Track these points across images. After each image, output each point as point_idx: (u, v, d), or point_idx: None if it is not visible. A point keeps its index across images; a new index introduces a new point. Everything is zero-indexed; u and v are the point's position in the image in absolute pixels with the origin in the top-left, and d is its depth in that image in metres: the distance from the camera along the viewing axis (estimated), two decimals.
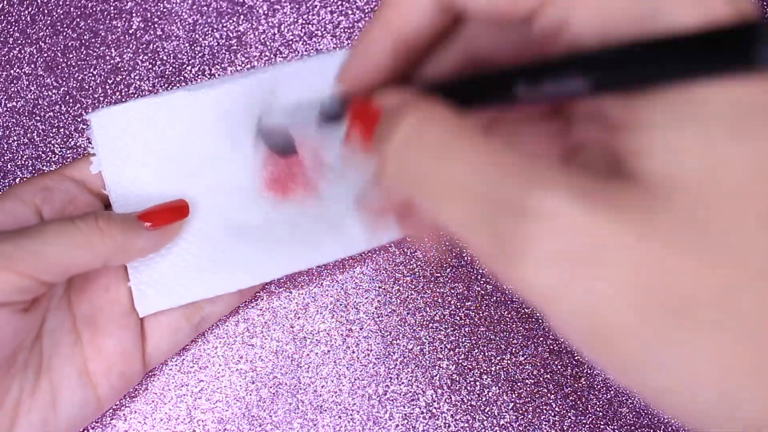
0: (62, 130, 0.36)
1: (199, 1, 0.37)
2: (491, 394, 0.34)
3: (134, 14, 0.37)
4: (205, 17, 0.37)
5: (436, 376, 0.34)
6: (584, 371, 0.35)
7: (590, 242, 0.13)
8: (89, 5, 0.37)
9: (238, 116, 0.32)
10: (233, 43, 0.37)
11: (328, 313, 0.35)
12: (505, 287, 0.35)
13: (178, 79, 0.36)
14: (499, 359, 0.35)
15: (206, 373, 0.34)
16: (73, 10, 0.37)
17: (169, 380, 0.34)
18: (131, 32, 0.36)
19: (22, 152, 0.35)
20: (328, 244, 0.32)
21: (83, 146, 0.36)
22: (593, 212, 0.13)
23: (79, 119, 0.36)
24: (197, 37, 0.37)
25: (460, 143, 0.16)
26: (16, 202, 0.28)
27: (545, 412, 0.34)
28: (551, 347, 0.35)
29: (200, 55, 0.36)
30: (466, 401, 0.34)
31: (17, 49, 0.36)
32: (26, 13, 0.36)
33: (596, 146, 0.17)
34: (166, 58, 0.36)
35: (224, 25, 0.37)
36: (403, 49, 0.19)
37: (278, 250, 0.32)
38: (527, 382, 0.34)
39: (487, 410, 0.34)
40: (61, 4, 0.37)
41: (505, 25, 0.18)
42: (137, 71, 0.36)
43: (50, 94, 0.36)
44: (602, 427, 0.34)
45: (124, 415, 0.33)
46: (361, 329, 0.35)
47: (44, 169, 0.35)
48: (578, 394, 0.34)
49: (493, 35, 0.19)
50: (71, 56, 0.36)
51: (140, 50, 0.36)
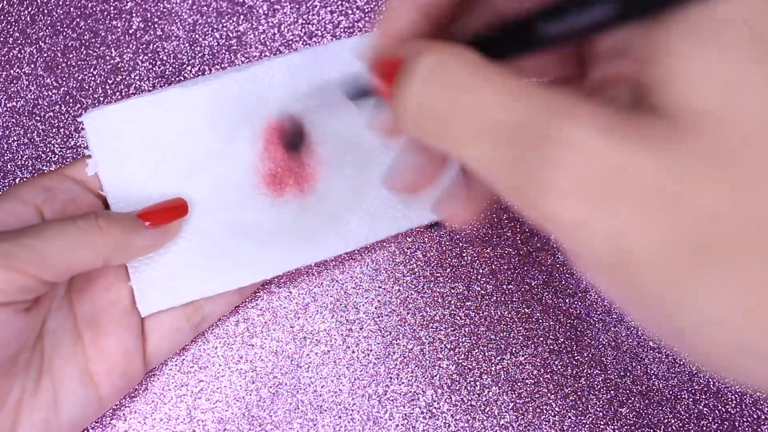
0: (62, 130, 0.36)
1: (199, 1, 0.37)
2: (491, 394, 0.34)
3: (134, 14, 0.37)
4: (205, 17, 0.37)
5: (436, 376, 0.34)
6: (584, 371, 0.35)
7: (615, 172, 0.13)
8: (89, 5, 0.37)
9: (233, 111, 0.32)
10: (233, 43, 0.37)
11: (328, 313, 0.35)
12: (505, 287, 0.35)
13: (178, 79, 0.36)
14: (499, 359, 0.35)
15: (206, 373, 0.34)
16: (73, 10, 0.37)
17: (169, 380, 0.34)
18: (131, 32, 0.36)
19: (22, 152, 0.35)
20: (327, 239, 0.32)
21: (83, 146, 0.36)
22: (619, 143, 0.13)
23: (79, 119, 0.36)
24: (197, 37, 0.37)
25: (482, 76, 0.15)
26: (17, 202, 0.28)
27: (545, 412, 0.34)
28: (551, 347, 0.35)
29: (200, 55, 0.36)
30: (466, 401, 0.34)
31: (17, 49, 0.36)
32: (26, 13, 0.36)
33: (620, 83, 0.17)
34: (166, 58, 0.36)
35: (224, 25, 0.37)
36: (428, 12, 0.19)
37: (278, 246, 0.32)
38: (527, 382, 0.35)
39: (487, 410, 0.34)
40: (61, 4, 0.37)
41: None
42: (137, 71, 0.36)
43: (50, 94, 0.36)
44: (602, 427, 0.34)
45: (124, 415, 0.33)
46: (361, 329, 0.35)
47: (44, 169, 0.35)
48: (578, 394, 0.35)
49: None
50: (71, 56, 0.36)
51: (140, 50, 0.36)
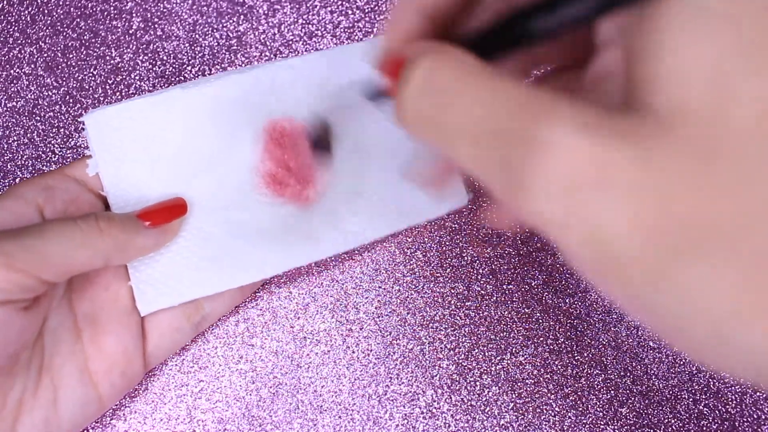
0: (62, 130, 0.36)
1: (199, 1, 0.37)
2: (491, 394, 0.34)
3: (134, 14, 0.37)
4: (205, 17, 0.37)
5: (436, 376, 0.34)
6: (584, 371, 0.35)
7: (596, 171, 0.13)
8: (89, 5, 0.37)
9: (233, 112, 0.32)
10: (233, 43, 0.37)
11: (328, 313, 0.35)
12: (505, 287, 0.35)
13: (178, 79, 0.36)
14: (499, 359, 0.35)
15: (206, 373, 0.34)
16: (73, 10, 0.37)
17: (169, 380, 0.34)
18: (131, 32, 0.36)
19: (22, 152, 0.35)
20: (327, 238, 0.32)
21: (83, 146, 0.36)
22: (600, 142, 0.13)
23: (79, 119, 0.36)
24: (197, 37, 0.37)
25: (470, 81, 0.16)
26: (18, 201, 0.28)
27: (545, 412, 0.34)
28: (551, 347, 0.35)
29: (200, 55, 0.36)
30: (466, 401, 0.34)
31: (17, 49, 0.36)
32: (26, 13, 0.36)
33: (614, 77, 0.17)
34: (166, 58, 0.36)
35: (224, 25, 0.37)
36: (431, 14, 0.20)
37: (278, 245, 0.32)
38: (527, 382, 0.34)
39: (487, 410, 0.34)
40: (61, 4, 0.37)
41: None
42: (137, 71, 0.36)
43: (50, 94, 0.36)
44: (602, 427, 0.34)
45: (124, 415, 0.33)
46: (361, 329, 0.35)
47: (44, 169, 0.35)
48: (578, 394, 0.34)
49: None
50: (71, 56, 0.36)
51: (140, 50, 0.36)
